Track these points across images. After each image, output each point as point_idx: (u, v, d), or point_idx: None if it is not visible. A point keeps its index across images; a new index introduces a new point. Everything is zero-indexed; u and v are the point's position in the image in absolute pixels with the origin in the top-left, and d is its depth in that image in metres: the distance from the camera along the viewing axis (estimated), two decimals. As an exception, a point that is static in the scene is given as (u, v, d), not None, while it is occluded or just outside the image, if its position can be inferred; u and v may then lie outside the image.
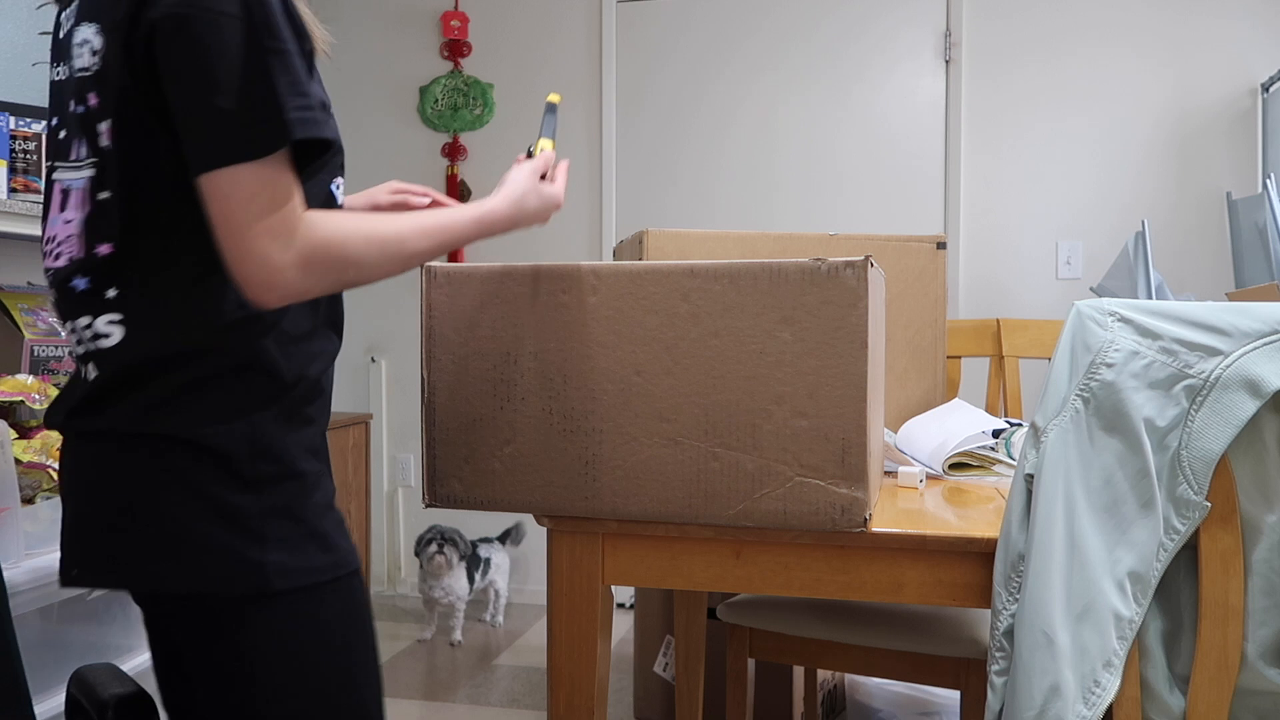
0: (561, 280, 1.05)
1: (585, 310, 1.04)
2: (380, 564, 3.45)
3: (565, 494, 1.06)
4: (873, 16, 3.17)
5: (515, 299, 1.06)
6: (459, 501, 1.09)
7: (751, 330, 1.00)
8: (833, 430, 0.98)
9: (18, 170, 1.61)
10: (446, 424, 1.09)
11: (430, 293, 1.09)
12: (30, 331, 1.75)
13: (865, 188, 3.19)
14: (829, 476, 0.98)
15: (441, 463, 1.10)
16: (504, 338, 1.07)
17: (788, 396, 0.99)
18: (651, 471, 1.03)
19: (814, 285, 0.98)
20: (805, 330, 0.98)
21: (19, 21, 2.05)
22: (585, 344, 1.04)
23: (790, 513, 1.00)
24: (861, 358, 0.97)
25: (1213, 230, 2.90)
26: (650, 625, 2.31)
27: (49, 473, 1.42)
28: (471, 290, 1.08)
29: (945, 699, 2.47)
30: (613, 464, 1.04)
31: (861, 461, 0.98)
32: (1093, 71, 2.99)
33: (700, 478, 1.02)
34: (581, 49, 3.40)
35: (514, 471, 1.07)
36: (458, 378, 1.08)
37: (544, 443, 1.06)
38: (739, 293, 1.00)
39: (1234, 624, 0.89)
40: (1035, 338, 2.11)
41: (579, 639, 1.10)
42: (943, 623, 1.56)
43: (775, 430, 1.00)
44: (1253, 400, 0.86)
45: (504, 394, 1.07)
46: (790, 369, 0.99)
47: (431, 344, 1.09)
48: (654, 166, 3.37)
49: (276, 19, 0.80)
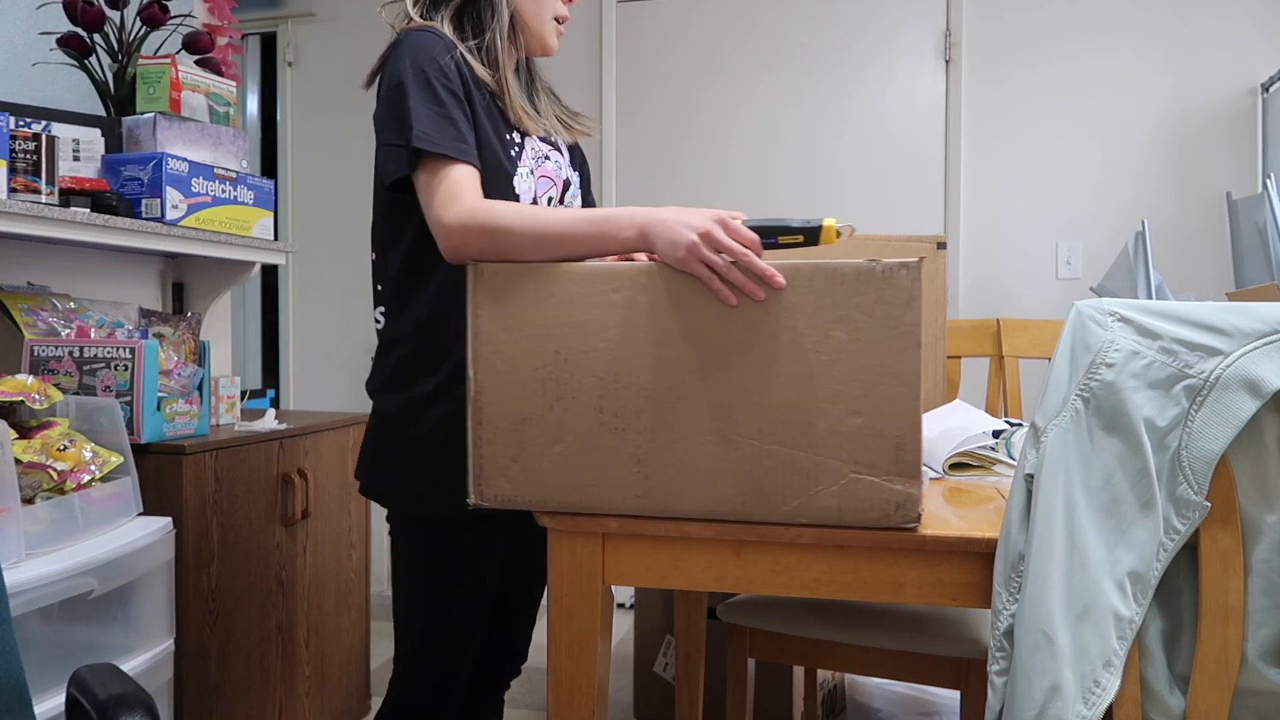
0: (613, 279, 1.05)
1: (637, 309, 1.04)
2: (380, 565, 3.45)
3: (616, 492, 1.06)
4: (873, 17, 3.17)
5: (566, 298, 1.06)
6: (507, 501, 1.09)
7: (806, 329, 1.00)
8: (887, 428, 0.98)
9: (18, 170, 1.61)
10: (494, 423, 1.08)
11: (477, 292, 1.09)
12: (30, 331, 1.74)
13: (865, 188, 3.19)
14: (883, 473, 0.99)
15: (489, 462, 1.09)
16: (554, 336, 1.06)
17: (842, 395, 0.99)
18: (705, 470, 1.03)
19: (869, 285, 0.98)
20: (860, 329, 0.99)
21: (19, 21, 2.05)
22: (637, 343, 1.04)
23: (845, 509, 1.00)
24: (915, 356, 0.98)
25: (1213, 230, 2.90)
26: (650, 625, 2.31)
27: (49, 473, 1.42)
28: (520, 289, 1.07)
29: (945, 699, 2.47)
30: (665, 462, 1.04)
31: (915, 458, 0.98)
32: (1093, 71, 2.99)
33: (754, 475, 1.02)
34: (581, 49, 3.40)
35: (563, 470, 1.07)
36: (506, 377, 1.08)
37: (594, 441, 1.06)
38: (794, 292, 1.00)
39: (1234, 624, 0.89)
40: (1035, 338, 2.11)
41: (579, 639, 1.10)
42: (943, 623, 1.56)
43: (829, 428, 1.00)
44: (1253, 400, 0.86)
45: (553, 393, 1.07)
46: (845, 368, 0.99)
47: (479, 343, 1.08)
48: (654, 166, 3.37)
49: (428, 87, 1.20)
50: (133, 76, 1.99)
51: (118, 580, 1.44)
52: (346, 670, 2.23)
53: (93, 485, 1.48)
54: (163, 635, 1.57)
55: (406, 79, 1.19)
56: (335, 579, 2.17)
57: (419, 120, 1.16)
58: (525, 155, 1.32)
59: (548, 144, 1.38)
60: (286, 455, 1.97)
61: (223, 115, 2.08)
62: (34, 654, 1.27)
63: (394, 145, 1.19)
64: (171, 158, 1.86)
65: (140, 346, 1.68)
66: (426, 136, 1.16)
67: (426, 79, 1.19)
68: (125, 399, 1.67)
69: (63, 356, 1.69)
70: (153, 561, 1.54)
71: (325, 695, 2.14)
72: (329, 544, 2.15)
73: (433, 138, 1.16)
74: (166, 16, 2.05)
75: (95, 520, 1.47)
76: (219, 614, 1.78)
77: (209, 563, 1.75)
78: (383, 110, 1.22)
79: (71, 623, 1.37)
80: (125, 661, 1.46)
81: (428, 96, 1.18)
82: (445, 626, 1.31)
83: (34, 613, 1.29)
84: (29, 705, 1.02)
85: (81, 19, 1.97)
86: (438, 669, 1.32)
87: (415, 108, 1.17)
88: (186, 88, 1.99)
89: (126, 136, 1.92)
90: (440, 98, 1.19)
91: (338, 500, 2.17)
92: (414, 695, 1.34)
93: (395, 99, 1.19)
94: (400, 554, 1.32)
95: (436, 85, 1.19)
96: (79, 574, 1.36)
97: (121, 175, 1.86)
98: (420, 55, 1.20)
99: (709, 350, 1.03)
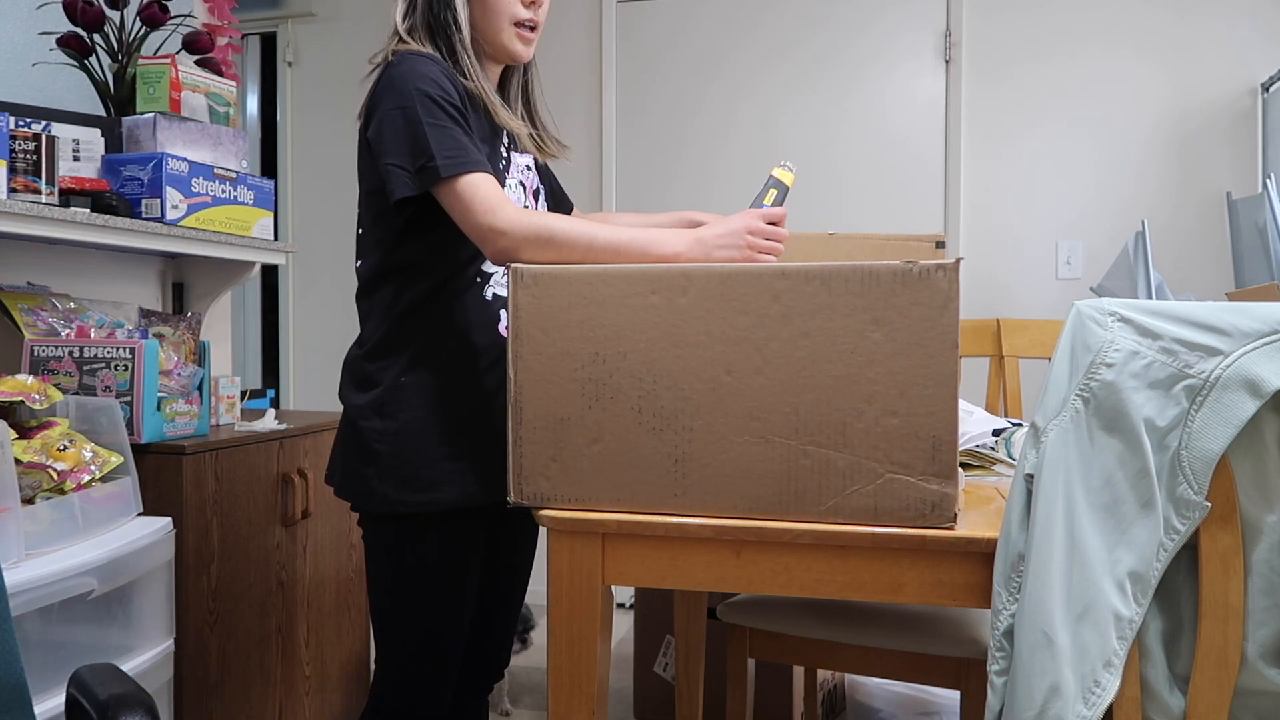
0: (651, 281, 1.06)
1: (676, 311, 1.06)
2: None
3: (654, 491, 1.07)
4: (873, 16, 3.17)
5: (604, 300, 1.07)
6: (546, 499, 1.10)
7: (843, 330, 1.01)
8: (923, 428, 0.99)
9: (18, 170, 1.61)
10: (533, 423, 1.10)
11: (517, 294, 1.10)
12: (30, 331, 1.74)
13: (865, 187, 3.19)
14: (919, 473, 1.00)
15: (528, 461, 1.10)
16: (593, 338, 1.08)
17: (879, 395, 1.00)
18: (742, 469, 1.04)
19: (905, 287, 0.99)
20: (896, 330, 0.99)
21: (19, 21, 2.05)
22: (676, 344, 1.06)
23: (881, 509, 1.01)
24: (952, 357, 0.98)
25: (1213, 230, 2.90)
26: (650, 625, 2.31)
27: (49, 473, 1.42)
28: (559, 291, 1.09)
29: (945, 699, 2.47)
30: (703, 462, 1.05)
31: (952, 458, 0.99)
32: (1093, 71, 2.99)
33: (791, 475, 1.03)
34: (581, 49, 3.40)
35: (602, 470, 1.08)
36: (545, 378, 1.09)
37: (633, 441, 1.07)
38: (830, 294, 1.01)
39: (1234, 624, 0.89)
40: (1035, 338, 2.11)
41: (579, 639, 1.10)
42: (943, 623, 1.56)
43: (866, 428, 1.01)
44: (1253, 400, 0.86)
45: (592, 393, 1.08)
46: (881, 368, 1.00)
47: (519, 344, 1.10)
48: (654, 166, 3.37)
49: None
50: (133, 76, 1.99)
51: (118, 580, 1.44)
52: (346, 671, 2.23)
53: (93, 485, 1.48)
54: (163, 635, 1.57)
55: (412, 101, 1.21)
56: (335, 579, 2.18)
57: (437, 145, 1.19)
58: (513, 168, 1.38)
59: (525, 155, 1.43)
60: (286, 455, 1.97)
61: (223, 115, 2.08)
62: (34, 654, 1.27)
63: (403, 169, 1.21)
64: (171, 158, 1.86)
65: (140, 346, 1.68)
66: (450, 160, 1.19)
67: (431, 99, 1.21)
68: (125, 399, 1.67)
69: (63, 356, 1.69)
70: (153, 562, 1.54)
71: (325, 695, 2.14)
72: (329, 544, 2.15)
73: (456, 159, 1.20)
74: (166, 16, 2.05)
75: (95, 520, 1.47)
76: (219, 614, 1.78)
77: (209, 563, 1.75)
78: (386, 130, 1.23)
79: (71, 623, 1.37)
80: (125, 661, 1.46)
81: (437, 117, 1.21)
82: (429, 626, 1.31)
83: (34, 613, 1.29)
84: (29, 705, 1.02)
85: (81, 19, 1.97)
86: (424, 671, 1.32)
87: (429, 132, 1.20)
88: (186, 88, 1.99)
89: (126, 136, 1.92)
90: (450, 115, 1.22)
91: (338, 500, 2.17)
92: (401, 700, 1.33)
93: (401, 122, 1.21)
94: (376, 556, 1.33)
95: (444, 104, 1.22)
96: (79, 574, 1.36)
97: (121, 175, 1.86)
98: (420, 77, 1.23)
99: (746, 351, 1.04)
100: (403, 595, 1.31)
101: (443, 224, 1.24)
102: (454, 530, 1.30)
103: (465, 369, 1.29)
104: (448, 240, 1.26)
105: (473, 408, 1.29)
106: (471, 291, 1.30)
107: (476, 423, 1.29)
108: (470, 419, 1.29)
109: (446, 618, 1.32)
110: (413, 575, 1.30)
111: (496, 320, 1.32)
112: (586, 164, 3.39)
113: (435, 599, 1.30)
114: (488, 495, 1.28)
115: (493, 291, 1.32)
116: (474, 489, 1.28)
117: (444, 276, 1.28)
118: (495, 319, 1.32)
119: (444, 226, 1.25)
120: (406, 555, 1.30)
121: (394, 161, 1.22)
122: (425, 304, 1.29)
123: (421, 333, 1.29)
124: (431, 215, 1.25)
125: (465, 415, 1.29)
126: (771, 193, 1.31)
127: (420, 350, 1.28)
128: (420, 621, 1.31)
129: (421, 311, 1.29)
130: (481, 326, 1.30)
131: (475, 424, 1.29)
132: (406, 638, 1.32)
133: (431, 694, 1.33)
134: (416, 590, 1.30)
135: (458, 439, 1.28)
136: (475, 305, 1.30)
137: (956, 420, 0.99)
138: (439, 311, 1.29)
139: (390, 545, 1.31)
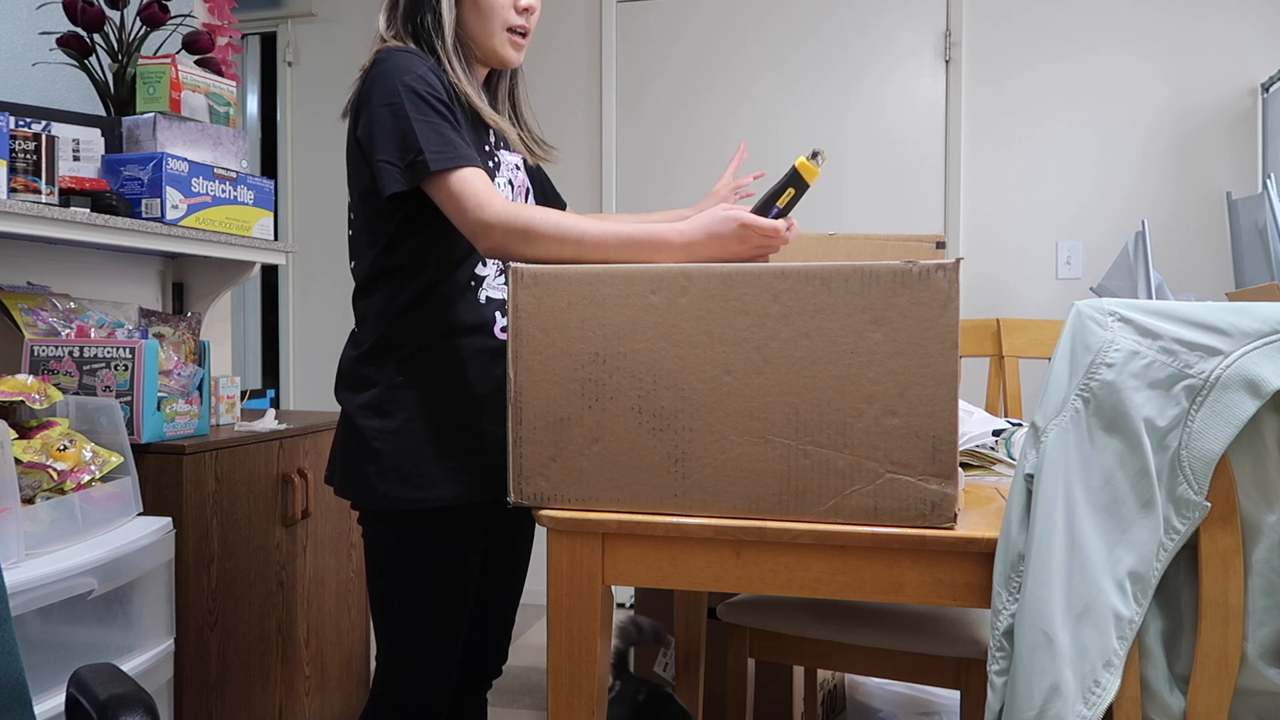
0: (651, 281, 1.06)
1: (676, 310, 1.06)
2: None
3: (654, 491, 1.07)
4: (873, 17, 3.17)
5: (604, 300, 1.07)
6: (546, 499, 1.10)
7: (842, 330, 1.01)
8: (923, 428, 0.99)
9: (18, 170, 1.61)
10: (533, 423, 1.10)
11: (518, 294, 1.10)
12: (30, 331, 1.74)
13: (865, 188, 3.19)
14: (919, 473, 1.00)
15: (528, 461, 1.11)
16: (592, 338, 1.08)
17: (878, 395, 1.00)
18: (742, 469, 1.04)
19: (905, 287, 0.99)
20: (896, 331, 0.99)
21: (19, 21, 2.05)
22: (676, 344, 1.06)
23: (881, 509, 1.01)
24: (952, 357, 0.98)
25: (1213, 230, 2.90)
26: (650, 625, 2.31)
27: (49, 473, 1.42)
28: (559, 291, 1.09)
29: (945, 699, 2.47)
30: (703, 462, 1.05)
31: (952, 458, 0.99)
32: (1093, 71, 2.99)
33: (791, 475, 1.03)
34: (581, 49, 3.40)
35: (602, 469, 1.08)
36: (545, 378, 1.10)
37: (633, 441, 1.07)
38: (830, 294, 1.01)
39: (1234, 624, 0.89)
40: (1035, 338, 2.11)
41: (579, 639, 1.10)
42: (943, 623, 1.56)
43: (866, 428, 1.01)
44: (1253, 400, 0.86)
45: (592, 393, 1.08)
46: (881, 368, 1.00)
47: (519, 344, 1.10)
48: (654, 166, 3.37)
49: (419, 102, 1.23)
50: (133, 76, 1.99)
51: (118, 580, 1.44)
52: (346, 670, 2.23)
53: (93, 485, 1.48)
54: (163, 635, 1.57)
55: (399, 98, 1.21)
56: (335, 579, 2.18)
57: (425, 140, 1.20)
58: (502, 166, 1.38)
59: (514, 154, 1.43)
60: (286, 455, 1.97)
61: (223, 115, 2.08)
62: (34, 654, 1.27)
63: (393, 165, 1.22)
64: (171, 158, 1.86)
65: (140, 346, 1.68)
66: (439, 155, 1.20)
67: (418, 95, 1.22)
68: (125, 399, 1.67)
69: (63, 356, 1.69)
70: (153, 561, 1.54)
71: (325, 695, 2.14)
72: (329, 544, 2.15)
73: (445, 154, 1.20)
74: (166, 16, 2.05)
75: (95, 520, 1.47)
76: (219, 614, 1.78)
77: (209, 563, 1.75)
78: (376, 127, 1.23)
79: (71, 623, 1.37)
80: (125, 661, 1.46)
81: (424, 113, 1.22)
82: (429, 622, 1.31)
83: (34, 613, 1.29)
84: (29, 705, 1.02)
85: (81, 19, 1.97)
86: (425, 666, 1.32)
87: (418, 127, 1.20)
88: (186, 88, 1.99)
89: (126, 136, 1.92)
90: (438, 111, 1.23)
91: (338, 500, 2.17)
92: (402, 696, 1.34)
93: (389, 118, 1.22)
94: (376, 554, 1.34)
95: (430, 100, 1.23)
96: (79, 574, 1.36)
97: (121, 175, 1.86)
98: (406, 73, 1.23)
99: (746, 351, 1.04)
100: (403, 592, 1.31)
101: (434, 224, 1.25)
102: (453, 527, 1.31)
103: (461, 370, 1.30)
104: (440, 242, 1.27)
105: (470, 408, 1.30)
106: (465, 295, 1.31)
107: (474, 422, 1.29)
108: (468, 419, 1.29)
109: (446, 613, 1.32)
110: (413, 572, 1.31)
111: (492, 323, 1.32)
112: (586, 164, 3.39)
113: (435, 595, 1.31)
114: (486, 493, 1.28)
115: (486, 294, 1.32)
116: (473, 487, 1.28)
117: (436, 279, 1.29)
118: (490, 321, 1.32)
119: (435, 227, 1.25)
120: (406, 552, 1.30)
121: (384, 158, 1.22)
122: (419, 306, 1.29)
123: (416, 335, 1.29)
124: (423, 215, 1.25)
125: (463, 415, 1.29)
126: (789, 192, 1.20)
127: (415, 352, 1.29)
128: (420, 617, 1.32)
129: (415, 314, 1.29)
130: (476, 329, 1.31)
131: (473, 424, 1.29)
132: (407, 633, 1.32)
133: (432, 688, 1.33)
134: (417, 586, 1.31)
135: (456, 438, 1.28)
136: (469, 308, 1.31)
137: (956, 420, 0.99)
138: (433, 314, 1.29)
139: (390, 543, 1.31)
